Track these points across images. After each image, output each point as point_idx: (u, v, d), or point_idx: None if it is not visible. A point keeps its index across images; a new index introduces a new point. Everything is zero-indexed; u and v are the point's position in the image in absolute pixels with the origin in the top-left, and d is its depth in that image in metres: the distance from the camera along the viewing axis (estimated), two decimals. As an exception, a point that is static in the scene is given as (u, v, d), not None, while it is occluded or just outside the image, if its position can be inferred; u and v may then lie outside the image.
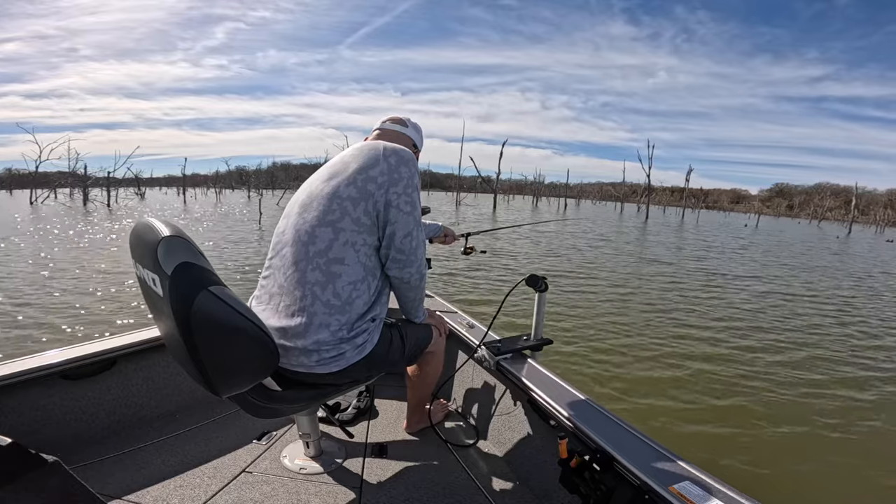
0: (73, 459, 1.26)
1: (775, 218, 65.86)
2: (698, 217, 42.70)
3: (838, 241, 23.43)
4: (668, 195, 75.62)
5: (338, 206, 1.01)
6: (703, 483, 0.87)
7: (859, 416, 3.06)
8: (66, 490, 0.50)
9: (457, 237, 1.84)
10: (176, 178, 64.83)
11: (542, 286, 1.46)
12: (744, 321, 5.24)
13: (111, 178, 28.45)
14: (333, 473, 1.30)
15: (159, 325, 0.94)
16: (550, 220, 5.78)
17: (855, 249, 18.04)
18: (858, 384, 3.61)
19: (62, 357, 1.32)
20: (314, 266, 1.01)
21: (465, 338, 1.65)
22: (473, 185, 69.90)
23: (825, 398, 3.31)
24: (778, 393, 3.33)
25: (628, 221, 25.75)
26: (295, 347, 1.00)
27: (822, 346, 4.51)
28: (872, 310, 6.41)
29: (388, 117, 1.30)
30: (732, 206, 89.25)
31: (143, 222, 0.84)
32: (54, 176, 34.12)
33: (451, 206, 30.08)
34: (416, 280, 1.12)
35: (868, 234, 35.27)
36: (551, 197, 66.34)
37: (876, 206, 60.50)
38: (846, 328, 5.29)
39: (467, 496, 1.25)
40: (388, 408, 1.72)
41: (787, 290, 7.38)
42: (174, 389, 1.58)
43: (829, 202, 66.85)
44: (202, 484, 1.22)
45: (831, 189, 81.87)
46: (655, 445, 1.00)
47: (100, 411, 1.41)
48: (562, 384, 1.29)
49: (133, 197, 36.38)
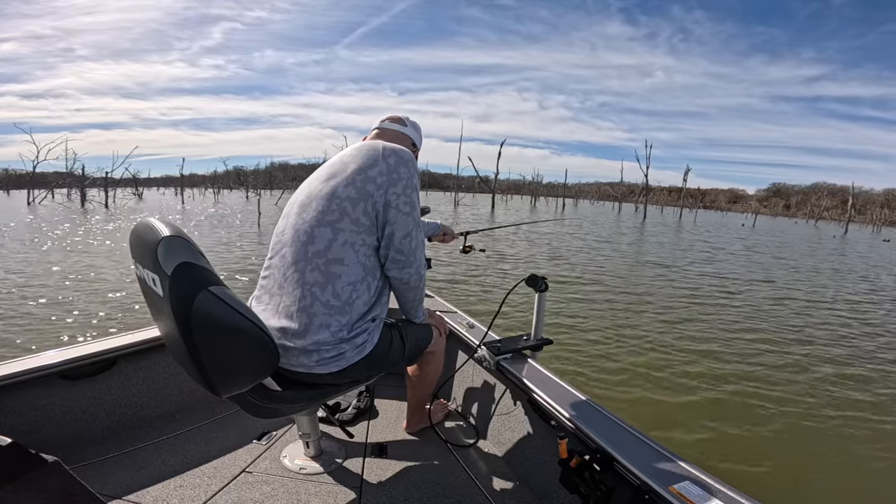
0: (73, 459, 1.26)
1: (772, 218, 65.89)
2: (696, 217, 42.73)
3: (835, 240, 23.53)
4: (666, 195, 75.53)
5: (337, 207, 1.01)
6: (703, 483, 0.87)
7: (859, 416, 3.06)
8: (66, 490, 0.50)
9: (456, 236, 1.85)
10: (174, 179, 64.40)
11: (542, 286, 1.46)
12: (744, 321, 5.25)
13: (109, 179, 28.27)
14: (333, 473, 1.30)
15: (159, 325, 0.94)
16: (549, 220, 5.80)
17: (858, 249, 18.05)
18: (858, 383, 3.61)
19: (62, 357, 1.32)
20: (313, 266, 1.00)
21: (465, 338, 1.65)
22: (471, 186, 69.77)
23: (825, 398, 3.31)
24: (778, 393, 3.33)
25: (626, 221, 25.77)
26: (295, 347, 1.00)
27: (815, 344, 4.51)
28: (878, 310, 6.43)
29: (386, 116, 1.30)
30: (730, 206, 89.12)
31: (143, 222, 0.84)
32: (51, 176, 33.87)
33: (450, 207, 30.07)
34: (415, 280, 1.12)
35: (865, 234, 35.40)
36: (549, 197, 66.35)
37: (873, 206, 60.49)
38: (845, 328, 5.30)
39: (467, 496, 1.25)
40: (388, 408, 1.72)
41: (789, 295, 7.38)
42: (174, 389, 1.58)
43: (826, 202, 66.74)
44: (202, 484, 1.22)
45: (828, 189, 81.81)
46: (655, 445, 1.00)
47: (100, 411, 1.41)
48: (562, 384, 1.29)
49: (131, 197, 36.15)
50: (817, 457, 2.58)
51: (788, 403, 3.17)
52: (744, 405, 3.11)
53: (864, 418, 3.04)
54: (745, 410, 3.04)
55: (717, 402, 3.13)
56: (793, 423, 2.91)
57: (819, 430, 2.85)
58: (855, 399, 3.33)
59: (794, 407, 3.13)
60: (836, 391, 3.44)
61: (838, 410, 3.12)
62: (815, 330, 5.12)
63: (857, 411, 3.13)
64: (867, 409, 3.18)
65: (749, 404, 3.12)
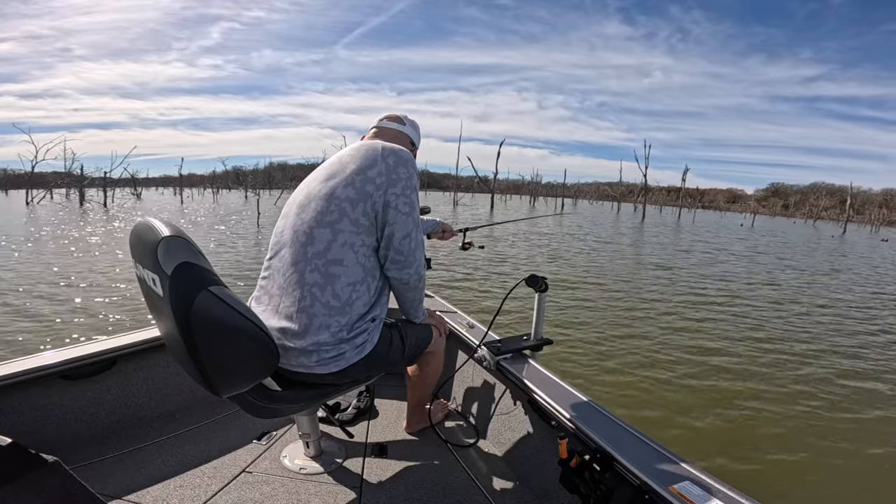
0: (73, 459, 1.26)
1: (771, 218, 65.84)
2: (694, 217, 42.77)
3: (833, 240, 23.60)
4: (665, 195, 75.42)
5: (336, 207, 1.00)
6: (703, 483, 0.86)
7: (859, 416, 3.06)
8: (66, 490, 0.50)
9: (455, 232, 1.85)
10: (172, 178, 64.12)
11: (543, 286, 1.46)
12: (744, 321, 5.25)
13: (108, 179, 28.13)
14: (333, 473, 1.30)
15: (159, 325, 0.94)
16: (548, 215, 5.82)
17: (859, 250, 18.05)
18: (858, 383, 3.61)
19: (62, 357, 1.32)
20: (312, 267, 1.00)
21: (465, 338, 1.65)
22: (471, 185, 69.64)
23: (826, 399, 3.31)
24: (780, 393, 3.33)
25: (626, 221, 25.76)
26: (294, 348, 1.00)
27: (815, 344, 4.51)
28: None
29: (385, 115, 1.29)
30: (728, 206, 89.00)
31: (143, 222, 0.84)
32: (50, 176, 33.68)
33: (449, 206, 30.05)
34: (415, 281, 1.12)
35: (863, 234, 35.51)
36: (549, 197, 66.30)
37: (871, 206, 60.46)
38: (849, 328, 5.30)
39: (467, 496, 1.25)
40: (388, 408, 1.72)
41: (790, 296, 7.37)
42: (174, 389, 1.58)
43: (825, 202, 66.79)
44: (202, 484, 1.22)
45: (827, 189, 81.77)
46: (655, 445, 1.00)
47: (100, 411, 1.41)
48: (562, 384, 1.29)
49: (129, 197, 36.00)
50: (818, 457, 2.57)
51: (789, 404, 3.17)
52: (744, 405, 3.11)
53: (864, 418, 3.04)
54: (745, 410, 3.04)
55: (718, 402, 3.13)
56: (793, 424, 2.91)
57: (819, 431, 2.85)
58: (855, 399, 3.33)
59: (794, 407, 3.13)
60: (837, 392, 3.44)
61: (839, 412, 3.12)
62: (816, 330, 5.12)
63: (858, 412, 3.14)
64: (868, 409, 3.19)
65: (750, 404, 3.13)
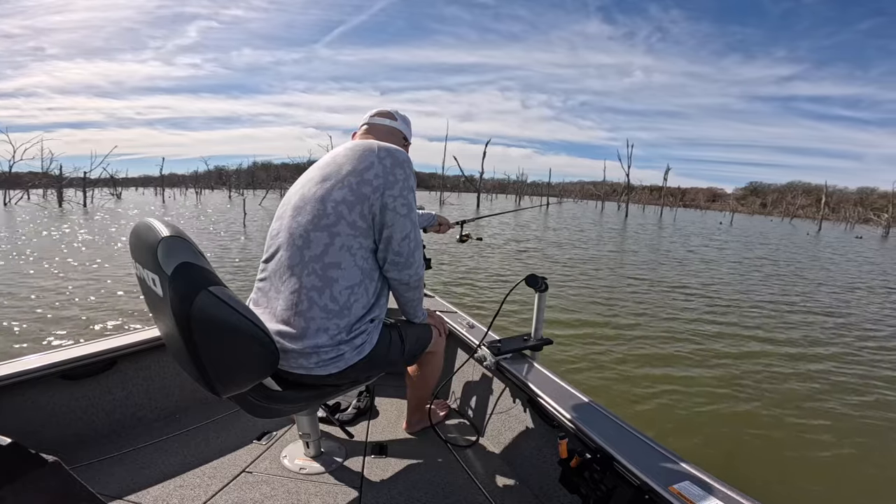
0: (73, 459, 1.26)
1: (749, 216, 65.69)
2: (675, 215, 42.92)
3: (809, 237, 23.94)
4: (647, 194, 75.16)
5: (332, 210, 0.99)
6: (703, 483, 0.87)
7: (859, 417, 3.06)
8: (66, 490, 0.50)
9: (451, 225, 1.86)
10: (153, 178, 62.36)
11: (542, 286, 1.45)
12: (745, 322, 5.25)
13: (87, 179, 27.18)
14: (333, 473, 1.30)
15: (159, 326, 0.94)
16: (542, 205, 5.83)
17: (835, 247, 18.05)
18: (858, 384, 3.61)
19: (62, 357, 1.32)
20: (310, 271, 0.99)
21: (465, 338, 1.65)
22: (457, 185, 69.24)
23: (827, 399, 3.31)
24: (780, 393, 3.33)
25: (610, 220, 25.74)
26: (293, 350, 1.00)
27: (815, 344, 4.51)
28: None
29: (375, 111, 1.26)
30: (709, 205, 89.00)
31: (142, 222, 0.84)
32: (27, 176, 32.55)
33: (436, 206, 29.98)
34: (414, 281, 1.12)
35: (837, 231, 36.05)
36: (534, 196, 65.87)
37: (846, 204, 60.53)
38: (822, 318, 5.30)
39: (467, 496, 1.25)
40: (388, 408, 1.72)
41: (787, 295, 7.37)
42: (174, 389, 1.58)
43: (801, 200, 67.02)
44: (202, 484, 1.22)
45: (803, 188, 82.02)
46: (655, 445, 1.00)
47: (100, 411, 1.41)
48: (562, 384, 1.29)
49: (109, 198, 34.13)
50: (818, 457, 2.57)
51: (790, 404, 3.17)
52: (744, 405, 3.11)
53: (864, 419, 3.04)
54: (745, 410, 3.04)
55: (718, 402, 3.12)
56: (794, 424, 2.91)
57: (820, 431, 2.85)
58: (856, 400, 3.33)
59: (795, 407, 3.13)
60: (838, 392, 3.44)
61: (839, 412, 3.12)
62: (817, 331, 5.12)
63: (858, 412, 3.13)
64: (867, 409, 3.18)
65: (750, 405, 3.12)
